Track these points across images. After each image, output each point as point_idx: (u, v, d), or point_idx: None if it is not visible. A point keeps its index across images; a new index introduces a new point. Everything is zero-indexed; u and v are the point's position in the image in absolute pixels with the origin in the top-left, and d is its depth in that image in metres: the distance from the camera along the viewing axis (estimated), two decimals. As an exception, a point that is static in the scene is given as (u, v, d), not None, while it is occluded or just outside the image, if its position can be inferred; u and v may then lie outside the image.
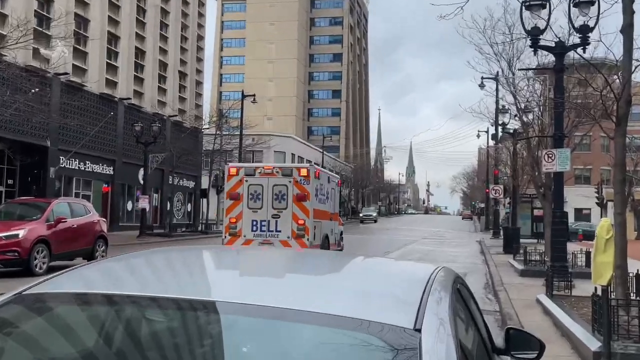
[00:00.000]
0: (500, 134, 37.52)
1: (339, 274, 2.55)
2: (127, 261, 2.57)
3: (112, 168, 38.58)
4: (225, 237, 18.53)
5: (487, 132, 53.43)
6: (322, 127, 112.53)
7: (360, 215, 75.97)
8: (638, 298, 9.34)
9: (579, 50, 12.30)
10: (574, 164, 25.42)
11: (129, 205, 40.83)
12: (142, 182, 35.06)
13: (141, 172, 35.88)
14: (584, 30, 12.02)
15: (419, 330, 1.80)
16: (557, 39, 14.52)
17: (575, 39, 13.46)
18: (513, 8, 25.46)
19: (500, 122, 30.74)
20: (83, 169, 36.04)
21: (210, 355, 1.84)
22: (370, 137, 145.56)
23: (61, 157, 33.06)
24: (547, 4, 13.16)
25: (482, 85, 31.03)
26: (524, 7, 13.24)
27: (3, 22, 28.64)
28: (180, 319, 1.96)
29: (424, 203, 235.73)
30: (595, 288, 8.04)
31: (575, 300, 12.10)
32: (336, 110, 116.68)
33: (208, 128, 47.21)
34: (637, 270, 10.12)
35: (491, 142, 47.42)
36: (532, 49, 13.87)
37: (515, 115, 23.73)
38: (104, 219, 20.60)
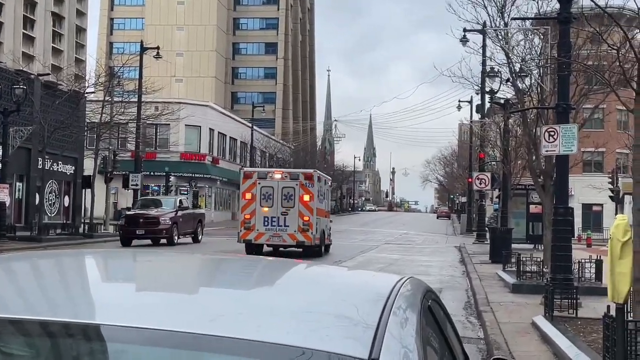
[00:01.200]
0: (487, 104, 38.64)
1: (272, 288, 2.61)
2: None
3: (-43, 146, 37.44)
4: (240, 230, 28.77)
5: (470, 102, 55.38)
6: (252, 93, 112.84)
7: None
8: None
9: (591, -6, 12.37)
10: (582, 146, 26.09)
11: (-18, 198, 39.92)
12: None
13: (-1, 151, 34.92)
14: (597, -32, 12.37)
15: None
16: (563, -21, 14.80)
17: (586, -21, 13.94)
18: None
19: (487, 88, 31.80)
20: None
21: None
22: (316, 108, 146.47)
23: None
24: None
25: (464, 40, 31.41)
26: None
27: None
28: (49, 350, 1.92)
29: (387, 196, 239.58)
30: (608, 307, 8.29)
31: (582, 323, 12.51)
32: (271, 71, 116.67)
33: (94, 92, 46.50)
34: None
35: (476, 116, 48.81)
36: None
37: (508, 80, 24.11)
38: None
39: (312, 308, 2.20)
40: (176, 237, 34.01)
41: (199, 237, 36.76)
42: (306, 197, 28.12)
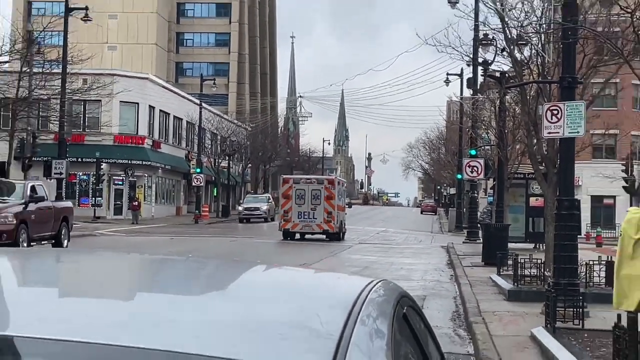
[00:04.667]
0: (480, 78, 38.93)
1: (216, 294, 2.65)
2: None
3: None
4: (280, 222, 44.98)
5: (460, 75, 56.25)
6: (201, 63, 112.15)
7: (239, 208, 74.09)
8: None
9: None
10: (591, 127, 26.58)
11: None
12: None
13: None
14: None
15: None
16: None
17: None
18: None
19: (480, 59, 32.49)
20: None
21: None
22: (277, 82, 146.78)
23: None
24: None
25: (453, 1, 31.47)
26: None
27: None
28: None
29: (362, 187, 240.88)
30: (619, 316, 8.28)
31: (590, 335, 12.73)
32: (223, 37, 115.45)
33: (8, 62, 45.96)
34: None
35: (467, 92, 49.35)
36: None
37: (503, 50, 24.28)
38: None
39: (262, 315, 2.22)
40: (25, 244, 26.44)
41: (64, 243, 30.25)
42: (329, 197, 43.95)
